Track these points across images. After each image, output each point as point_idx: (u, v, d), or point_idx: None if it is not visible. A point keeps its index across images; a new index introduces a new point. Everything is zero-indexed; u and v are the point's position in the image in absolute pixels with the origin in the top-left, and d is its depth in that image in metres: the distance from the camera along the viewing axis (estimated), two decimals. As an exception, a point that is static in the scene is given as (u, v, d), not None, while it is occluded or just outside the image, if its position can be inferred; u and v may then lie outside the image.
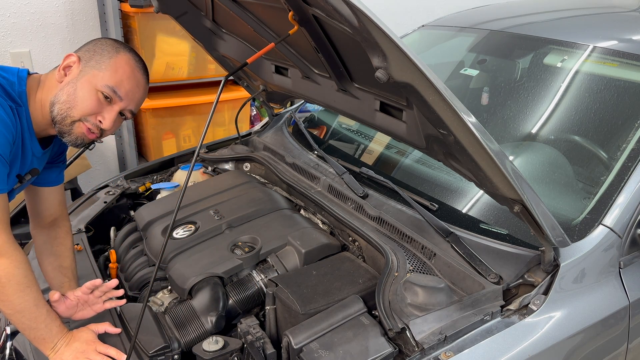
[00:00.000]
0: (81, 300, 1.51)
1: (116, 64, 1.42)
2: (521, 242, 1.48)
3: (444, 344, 1.26)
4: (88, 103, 1.40)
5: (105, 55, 1.42)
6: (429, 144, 1.44)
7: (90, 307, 1.51)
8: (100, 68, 1.40)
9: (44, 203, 1.61)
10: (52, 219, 1.63)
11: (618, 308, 1.44)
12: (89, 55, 1.42)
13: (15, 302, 1.29)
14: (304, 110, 2.72)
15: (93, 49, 1.43)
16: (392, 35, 1.00)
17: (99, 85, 1.40)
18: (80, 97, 1.39)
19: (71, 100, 1.39)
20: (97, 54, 1.42)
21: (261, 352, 1.36)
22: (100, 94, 1.40)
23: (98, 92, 1.40)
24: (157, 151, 3.40)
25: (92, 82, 1.40)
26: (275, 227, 1.80)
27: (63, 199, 1.66)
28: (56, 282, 1.58)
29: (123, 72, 1.42)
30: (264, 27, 1.74)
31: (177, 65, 3.29)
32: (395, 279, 1.45)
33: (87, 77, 1.40)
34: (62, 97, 1.39)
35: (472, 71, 2.27)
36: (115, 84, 1.41)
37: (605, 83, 1.82)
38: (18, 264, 1.29)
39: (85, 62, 1.41)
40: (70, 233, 1.68)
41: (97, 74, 1.40)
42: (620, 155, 1.59)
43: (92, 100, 1.40)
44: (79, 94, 1.39)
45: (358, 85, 1.64)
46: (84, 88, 1.39)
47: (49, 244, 1.62)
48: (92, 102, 1.40)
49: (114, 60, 1.42)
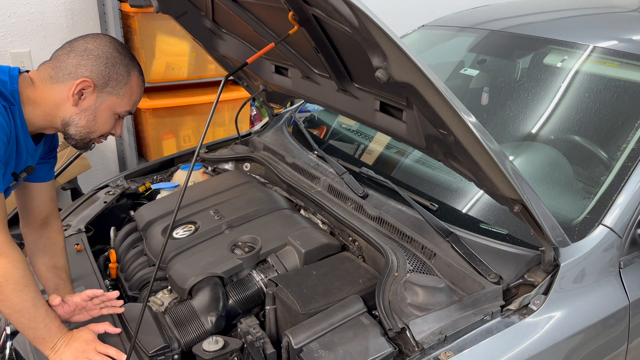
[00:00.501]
0: (79, 307, 1.51)
1: (132, 89, 1.48)
2: (521, 242, 1.48)
3: (444, 344, 1.26)
4: (108, 126, 1.49)
5: (121, 80, 1.44)
6: (429, 144, 1.44)
7: (87, 312, 1.51)
8: (118, 94, 1.45)
9: (35, 200, 1.61)
10: (43, 216, 1.63)
11: (618, 308, 1.44)
12: (104, 81, 1.42)
13: (14, 302, 1.29)
14: (304, 110, 2.72)
15: (107, 73, 1.42)
16: (392, 35, 1.00)
17: (118, 110, 1.48)
18: (100, 123, 1.47)
19: (91, 126, 1.46)
20: (112, 80, 1.43)
21: (261, 352, 1.36)
22: (117, 115, 1.49)
23: (116, 114, 1.48)
24: (157, 151, 3.40)
25: (111, 109, 1.46)
26: (275, 227, 1.80)
27: (54, 195, 1.67)
28: (51, 284, 1.58)
29: (137, 94, 1.51)
30: (264, 27, 1.74)
31: (177, 65, 3.29)
32: (395, 279, 1.45)
33: (106, 105, 1.45)
34: (81, 122, 1.44)
35: (472, 71, 2.27)
36: (132, 107, 1.51)
37: (605, 83, 1.82)
38: (15, 263, 1.29)
39: (100, 88, 1.42)
40: (62, 232, 1.68)
41: (116, 100, 1.45)
42: (620, 155, 1.59)
43: (111, 123, 1.50)
44: (99, 120, 1.46)
45: (358, 85, 1.64)
46: (103, 115, 1.46)
47: (40, 244, 1.62)
48: (111, 124, 1.50)
49: (129, 86, 1.47)
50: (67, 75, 1.40)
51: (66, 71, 1.40)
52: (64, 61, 1.41)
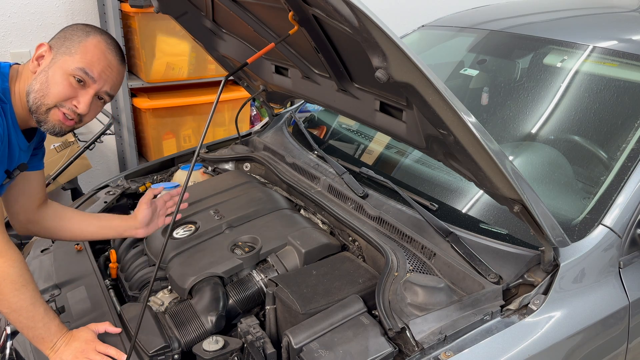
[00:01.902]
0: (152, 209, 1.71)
1: (86, 47, 1.42)
2: (521, 242, 1.48)
3: (443, 344, 1.26)
4: (61, 88, 1.40)
5: (75, 40, 1.42)
6: (429, 144, 1.45)
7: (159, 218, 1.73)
8: (70, 53, 1.41)
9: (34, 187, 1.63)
10: (38, 203, 1.65)
11: (618, 308, 1.44)
12: (60, 42, 1.43)
13: (11, 301, 1.29)
14: (304, 110, 2.73)
15: (64, 36, 1.44)
16: (392, 35, 1.00)
17: (70, 69, 1.40)
18: (52, 83, 1.40)
19: (44, 88, 1.40)
20: (67, 40, 1.43)
21: (261, 352, 1.36)
22: (72, 78, 1.41)
23: (70, 76, 1.41)
24: (157, 151, 3.40)
25: (63, 67, 1.41)
26: (275, 227, 1.80)
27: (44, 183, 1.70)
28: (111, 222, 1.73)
29: (93, 54, 1.43)
30: (264, 27, 1.74)
31: (177, 65, 3.29)
32: (395, 278, 1.45)
33: (58, 64, 1.41)
34: (36, 86, 1.40)
35: (472, 71, 2.27)
36: (86, 65, 1.42)
37: (605, 83, 1.82)
38: (13, 262, 1.29)
39: (56, 50, 1.42)
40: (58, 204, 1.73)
41: (68, 59, 1.41)
42: (620, 155, 1.60)
43: (65, 85, 1.41)
44: (51, 80, 1.40)
45: (358, 85, 1.64)
46: (55, 74, 1.40)
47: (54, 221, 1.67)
48: (65, 86, 1.41)
49: (84, 44, 1.42)
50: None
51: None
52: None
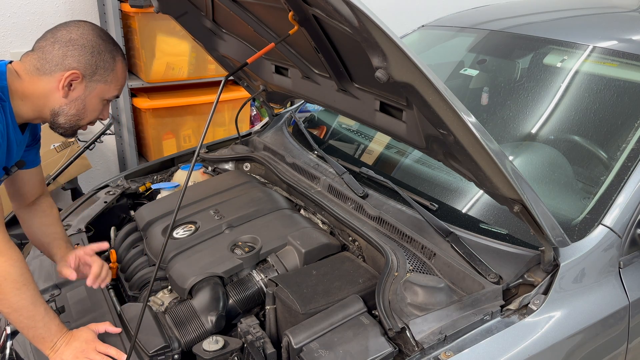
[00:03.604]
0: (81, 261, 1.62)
1: (117, 75, 1.49)
2: (521, 242, 1.48)
3: (443, 344, 1.26)
4: (97, 112, 1.51)
5: (107, 67, 1.46)
6: (429, 144, 1.45)
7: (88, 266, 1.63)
8: (105, 81, 1.47)
9: (26, 185, 1.64)
10: (33, 199, 1.68)
11: (618, 308, 1.44)
12: (92, 70, 1.43)
13: (12, 301, 1.29)
14: (304, 110, 2.73)
15: (94, 62, 1.43)
16: (392, 35, 1.00)
17: (107, 96, 1.50)
18: (90, 110, 1.49)
19: (81, 113, 1.48)
20: (99, 68, 1.44)
21: (261, 352, 1.36)
22: (105, 101, 1.51)
23: (105, 100, 1.50)
24: (157, 151, 3.40)
25: (100, 95, 1.48)
26: (275, 227, 1.80)
27: (42, 178, 1.71)
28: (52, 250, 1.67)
29: (123, 78, 1.53)
30: (264, 27, 1.74)
31: (177, 65, 3.29)
32: (395, 278, 1.45)
33: (95, 93, 1.47)
34: (71, 111, 1.45)
35: (472, 71, 2.27)
36: (119, 91, 1.53)
37: (605, 83, 1.82)
38: (13, 262, 1.30)
39: (89, 78, 1.43)
40: (54, 206, 1.74)
41: (104, 87, 1.48)
42: (620, 155, 1.60)
43: (100, 109, 1.52)
44: (89, 107, 1.48)
45: (358, 85, 1.64)
46: (93, 101, 1.48)
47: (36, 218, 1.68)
48: (100, 110, 1.52)
49: (116, 71, 1.48)
50: (55, 67, 1.39)
51: (53, 63, 1.39)
52: (49, 52, 1.40)
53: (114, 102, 3.36)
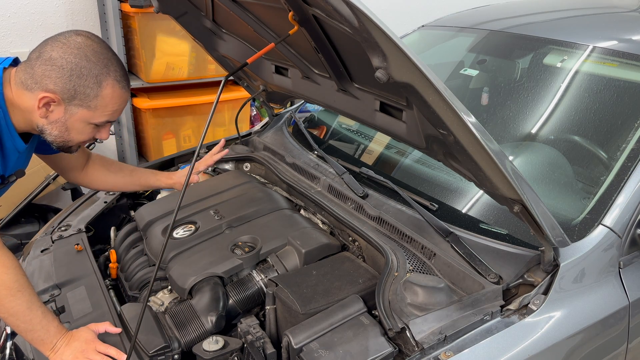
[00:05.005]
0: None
1: (104, 100, 1.38)
2: (521, 242, 1.48)
3: (443, 344, 1.26)
4: (85, 136, 1.44)
5: (89, 93, 1.35)
6: (429, 144, 1.45)
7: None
8: (89, 107, 1.37)
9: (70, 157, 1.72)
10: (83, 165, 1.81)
11: (618, 308, 1.44)
12: (70, 95, 1.33)
13: (8, 306, 1.29)
14: (304, 110, 2.73)
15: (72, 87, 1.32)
16: (392, 35, 1.00)
17: (94, 121, 1.41)
18: (75, 133, 1.42)
19: (65, 136, 1.41)
20: (79, 93, 1.33)
21: (261, 352, 1.36)
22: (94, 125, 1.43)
23: (92, 124, 1.42)
24: (157, 151, 3.40)
25: (84, 120, 1.39)
26: (275, 227, 1.80)
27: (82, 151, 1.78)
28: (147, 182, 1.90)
29: (113, 104, 1.41)
30: (264, 27, 1.74)
31: (177, 65, 3.29)
32: (395, 278, 1.45)
33: (77, 117, 1.38)
34: (54, 132, 1.39)
35: (472, 71, 2.27)
36: (110, 117, 1.43)
37: (605, 83, 1.82)
38: (6, 269, 1.29)
39: (68, 102, 1.34)
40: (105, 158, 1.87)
41: (87, 113, 1.38)
42: (620, 155, 1.60)
43: (88, 132, 1.44)
44: (73, 131, 1.41)
45: (358, 85, 1.64)
46: (75, 126, 1.40)
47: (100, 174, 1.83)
48: (88, 133, 1.44)
49: (102, 97, 1.37)
50: (35, 85, 1.33)
51: (33, 80, 1.33)
52: (32, 67, 1.34)
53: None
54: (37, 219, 3.02)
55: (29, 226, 2.94)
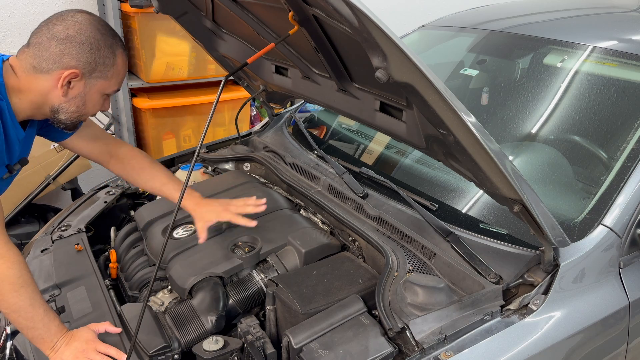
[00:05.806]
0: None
1: (118, 69, 1.47)
2: (521, 242, 1.48)
3: (443, 344, 1.26)
4: (98, 107, 1.50)
5: (108, 63, 1.43)
6: (429, 144, 1.45)
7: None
8: (106, 77, 1.45)
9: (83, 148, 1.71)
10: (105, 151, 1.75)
11: (618, 308, 1.44)
12: (91, 67, 1.40)
13: (11, 302, 1.29)
14: (304, 110, 2.72)
15: (93, 59, 1.39)
16: (392, 35, 1.00)
17: (107, 91, 1.48)
18: (90, 105, 1.48)
19: (81, 109, 1.47)
20: (99, 65, 1.41)
21: (261, 352, 1.36)
22: (106, 95, 1.49)
23: (105, 94, 1.49)
24: (157, 151, 3.40)
25: (100, 90, 1.47)
26: (275, 227, 1.80)
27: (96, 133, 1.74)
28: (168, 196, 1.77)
29: (124, 72, 1.51)
30: (264, 27, 1.75)
31: (177, 65, 3.29)
32: (395, 278, 1.45)
33: (95, 88, 1.45)
34: (71, 108, 1.44)
35: (472, 71, 2.27)
36: (119, 85, 1.51)
37: (605, 83, 1.82)
38: (11, 264, 1.29)
39: (88, 75, 1.41)
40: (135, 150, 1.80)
41: (105, 83, 1.46)
42: (620, 155, 1.60)
43: (101, 103, 1.50)
44: (89, 102, 1.47)
45: (358, 85, 1.64)
46: (93, 97, 1.46)
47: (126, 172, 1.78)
48: (101, 104, 1.51)
49: (116, 66, 1.46)
50: (52, 65, 1.36)
51: (50, 61, 1.36)
52: (46, 50, 1.36)
53: (113, 103, 3.36)
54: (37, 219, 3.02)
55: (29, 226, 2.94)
